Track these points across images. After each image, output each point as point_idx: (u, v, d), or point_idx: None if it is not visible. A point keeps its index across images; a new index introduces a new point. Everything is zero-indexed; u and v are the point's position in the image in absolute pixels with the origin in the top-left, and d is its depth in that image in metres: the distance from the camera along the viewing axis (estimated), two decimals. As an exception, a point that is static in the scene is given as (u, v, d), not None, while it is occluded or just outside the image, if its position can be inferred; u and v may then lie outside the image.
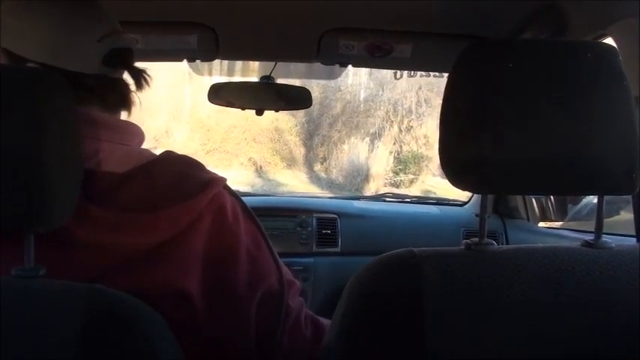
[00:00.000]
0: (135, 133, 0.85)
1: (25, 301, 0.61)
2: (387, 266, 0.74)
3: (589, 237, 0.77)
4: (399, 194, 2.41)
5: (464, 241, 0.76)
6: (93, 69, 0.81)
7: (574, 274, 0.71)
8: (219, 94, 1.75)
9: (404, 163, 10.20)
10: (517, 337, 0.68)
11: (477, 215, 0.78)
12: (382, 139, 10.31)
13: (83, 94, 0.79)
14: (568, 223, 2.03)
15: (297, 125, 10.77)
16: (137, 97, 0.88)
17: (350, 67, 1.66)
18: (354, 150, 10.16)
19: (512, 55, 0.71)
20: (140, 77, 0.87)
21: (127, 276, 0.73)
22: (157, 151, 0.85)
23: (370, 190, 9.47)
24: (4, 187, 0.61)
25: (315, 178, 10.27)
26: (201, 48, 1.49)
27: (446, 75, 1.77)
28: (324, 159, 10.61)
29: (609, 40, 1.09)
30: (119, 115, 0.87)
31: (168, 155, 0.84)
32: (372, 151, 10.11)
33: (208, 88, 1.75)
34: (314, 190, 9.50)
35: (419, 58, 1.53)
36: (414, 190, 9.39)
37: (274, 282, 0.87)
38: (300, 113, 10.17)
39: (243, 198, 0.90)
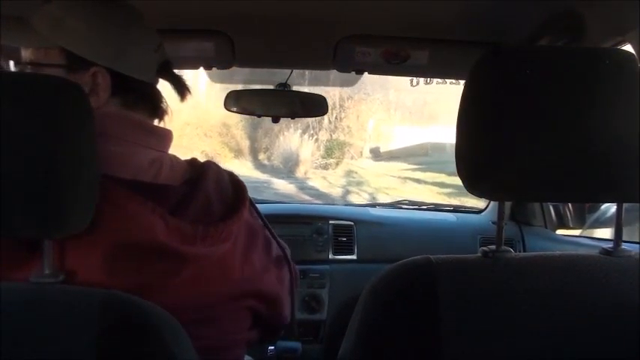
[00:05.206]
0: (170, 138, 0.88)
1: (43, 307, 0.62)
2: (404, 274, 0.74)
3: (608, 245, 0.77)
4: (415, 201, 2.38)
5: (481, 248, 0.75)
6: (149, 77, 0.85)
7: (592, 282, 0.71)
8: (236, 102, 1.75)
9: (330, 150, 12.15)
10: (534, 345, 0.67)
11: (493, 222, 0.78)
12: (314, 129, 12.14)
13: (134, 100, 0.83)
14: (586, 230, 1.99)
15: (242, 120, 12.08)
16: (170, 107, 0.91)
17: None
18: (288, 140, 12.00)
19: (529, 62, 0.71)
20: (183, 88, 0.91)
21: (198, 278, 0.78)
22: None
23: (300, 172, 11.65)
24: (23, 194, 0.62)
25: (259, 165, 11.76)
26: (218, 56, 1.50)
27: (459, 82, 1.76)
28: (267, 149, 12.33)
29: (628, 47, 1.08)
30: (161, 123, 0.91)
31: (208, 166, 0.88)
32: (303, 140, 11.99)
33: (225, 95, 1.77)
34: (258, 174, 10.83)
35: (436, 64, 1.52)
36: (340, 171, 11.58)
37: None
38: (245, 109, 11.98)
39: (259, 205, 0.93)
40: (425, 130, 13.14)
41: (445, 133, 13.05)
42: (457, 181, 0.74)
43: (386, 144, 13.40)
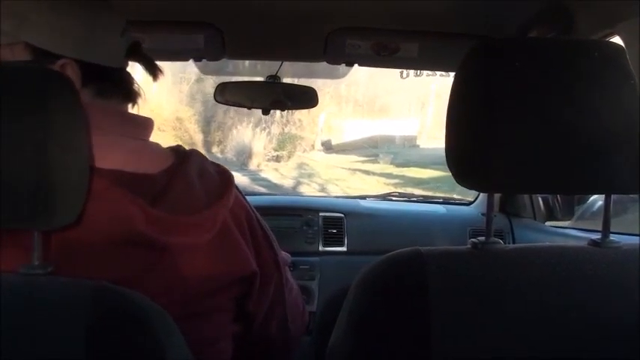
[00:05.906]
0: (150, 126, 0.87)
1: (33, 298, 0.61)
2: (394, 265, 0.74)
3: (596, 236, 0.77)
4: (405, 193, 2.41)
5: (470, 240, 0.76)
6: (118, 62, 0.84)
7: (581, 273, 0.71)
8: (226, 93, 1.74)
9: (282, 143, 12.64)
10: (523, 336, 0.68)
11: (483, 214, 0.79)
12: (266, 123, 12.56)
13: (107, 87, 0.82)
14: (575, 222, 2.04)
15: (195, 114, 12.40)
16: (142, 89, 0.89)
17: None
18: (240, 133, 12.39)
19: (518, 54, 0.71)
20: (155, 68, 0.90)
21: (181, 269, 0.76)
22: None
23: (253, 164, 11.97)
24: (11, 185, 0.61)
25: (212, 158, 11.70)
26: (208, 48, 1.49)
27: (449, 74, 1.80)
28: (220, 142, 12.59)
29: (617, 39, 1.09)
30: (134, 108, 0.89)
31: (190, 153, 0.87)
32: (255, 134, 12.40)
33: (215, 87, 1.75)
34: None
35: (426, 57, 1.53)
36: (292, 163, 11.99)
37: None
38: (198, 103, 12.18)
39: (248, 197, 0.92)
40: (375, 123, 13.36)
41: (395, 126, 13.34)
42: (404, 172, 0.75)
43: (337, 137, 13.62)
